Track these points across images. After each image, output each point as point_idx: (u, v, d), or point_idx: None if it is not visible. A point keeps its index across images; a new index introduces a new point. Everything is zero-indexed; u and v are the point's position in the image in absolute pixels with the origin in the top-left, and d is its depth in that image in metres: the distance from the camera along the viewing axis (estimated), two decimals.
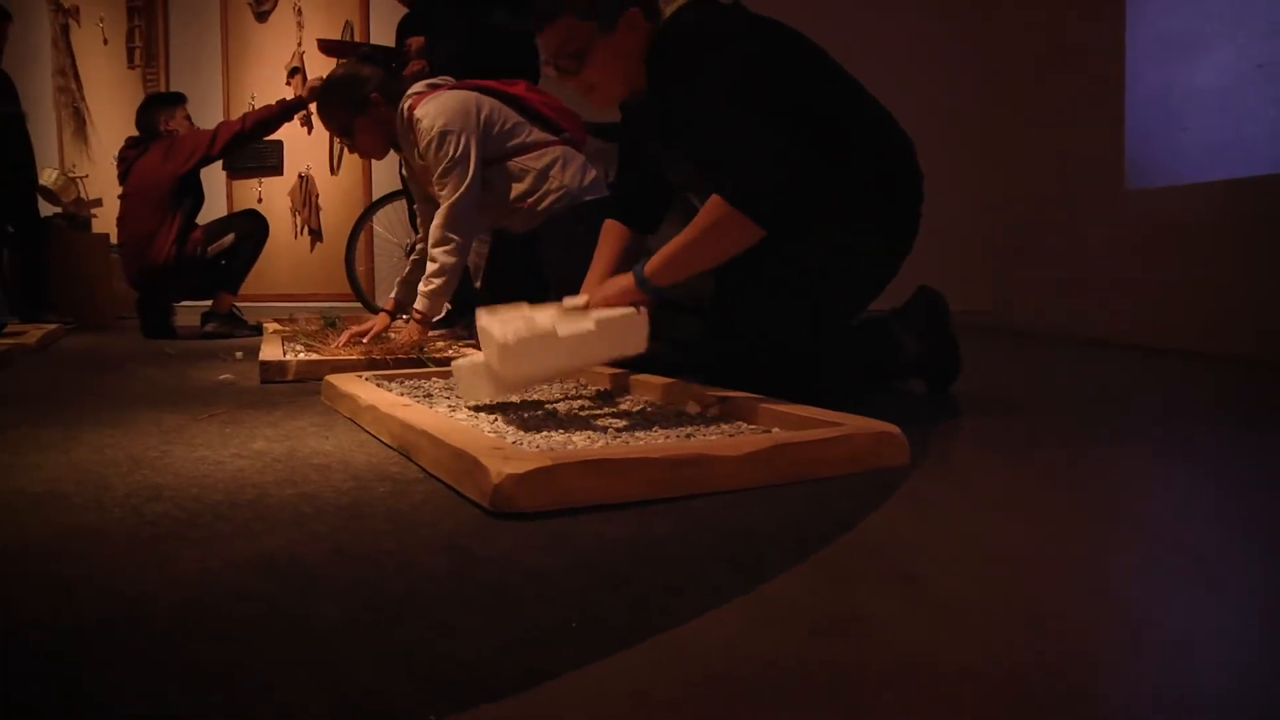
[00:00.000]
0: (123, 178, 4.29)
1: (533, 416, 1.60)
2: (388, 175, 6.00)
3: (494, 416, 1.61)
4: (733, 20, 1.80)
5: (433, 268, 2.77)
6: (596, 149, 4.65)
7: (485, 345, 1.60)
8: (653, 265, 1.67)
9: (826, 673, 0.68)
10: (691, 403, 1.65)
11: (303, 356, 2.51)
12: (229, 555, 0.94)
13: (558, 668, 0.68)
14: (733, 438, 1.30)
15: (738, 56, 1.69)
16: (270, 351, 2.61)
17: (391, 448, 1.47)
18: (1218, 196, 3.11)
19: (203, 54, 6.95)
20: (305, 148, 6.52)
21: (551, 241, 2.92)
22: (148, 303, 4.22)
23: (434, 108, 2.85)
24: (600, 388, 1.98)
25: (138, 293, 4.25)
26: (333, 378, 1.98)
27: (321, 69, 6.38)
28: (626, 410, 1.70)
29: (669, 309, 1.76)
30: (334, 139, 6.10)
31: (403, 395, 1.85)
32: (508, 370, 1.50)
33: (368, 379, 2.01)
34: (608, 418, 1.61)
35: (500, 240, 3.22)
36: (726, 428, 1.50)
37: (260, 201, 6.71)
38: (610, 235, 2.04)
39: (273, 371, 2.39)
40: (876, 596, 0.85)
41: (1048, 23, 4.06)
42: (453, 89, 3.00)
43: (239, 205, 6.70)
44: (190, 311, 4.52)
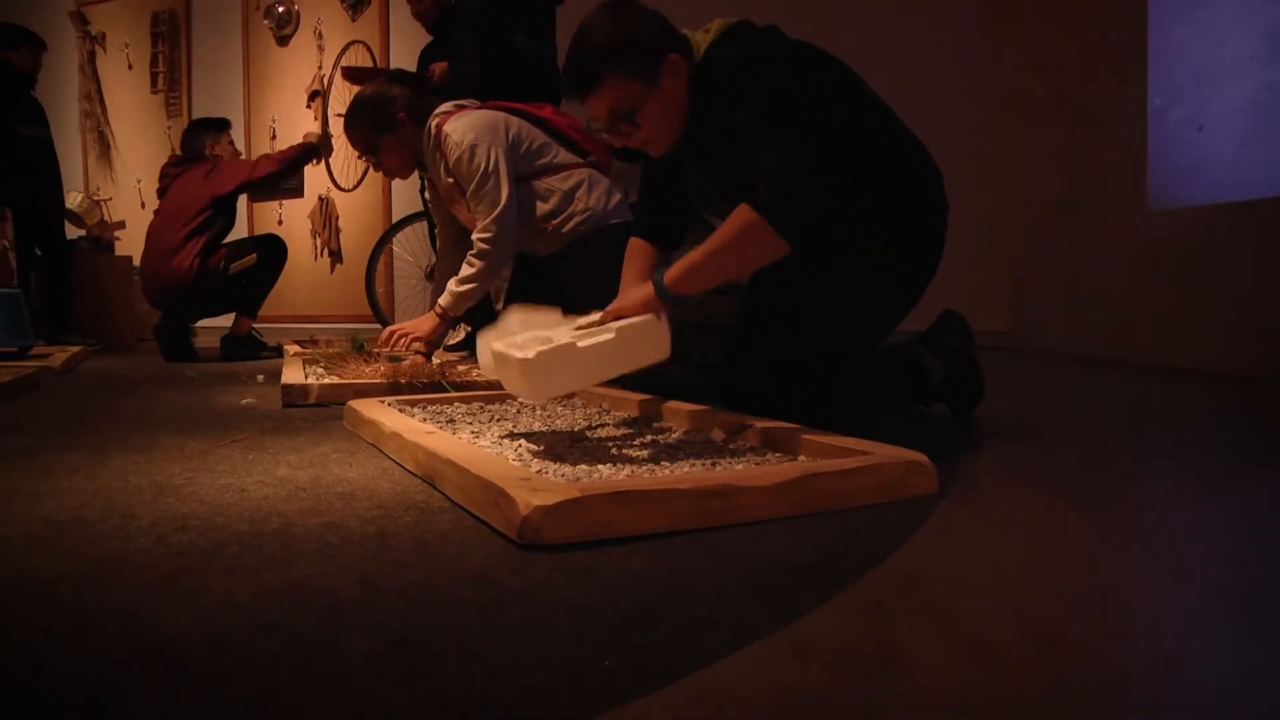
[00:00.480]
0: (161, 194, 4.31)
1: (557, 444, 1.59)
2: (407, 197, 6.03)
3: (518, 443, 1.61)
4: (770, 46, 1.79)
5: (468, 271, 2.77)
6: (619, 170, 4.68)
7: (502, 367, 1.57)
8: (673, 274, 1.65)
9: (863, 713, 0.67)
10: (717, 430, 1.64)
11: (325, 380, 2.52)
12: (256, 587, 0.94)
13: (592, 709, 0.67)
14: (760, 467, 1.29)
15: (773, 82, 1.67)
16: (292, 375, 2.62)
17: (416, 475, 1.46)
18: (1241, 217, 3.08)
19: (224, 78, 7.03)
20: (325, 170, 6.56)
21: (578, 264, 2.93)
22: (168, 320, 4.23)
23: (463, 124, 2.86)
24: (624, 415, 1.97)
25: (158, 309, 4.25)
26: (355, 403, 1.98)
27: (342, 91, 6.44)
28: (651, 438, 1.69)
29: (693, 331, 1.76)
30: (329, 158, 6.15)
31: (426, 421, 1.85)
32: (533, 388, 1.49)
33: (390, 404, 2.01)
34: (632, 446, 1.60)
35: (523, 262, 3.22)
36: (752, 456, 1.49)
37: (280, 223, 6.76)
38: (636, 254, 2.03)
39: (295, 395, 2.39)
40: (911, 632, 0.83)
41: (1069, 43, 4.05)
42: (480, 109, 3.01)
43: (260, 228, 6.75)
44: (210, 333, 4.55)
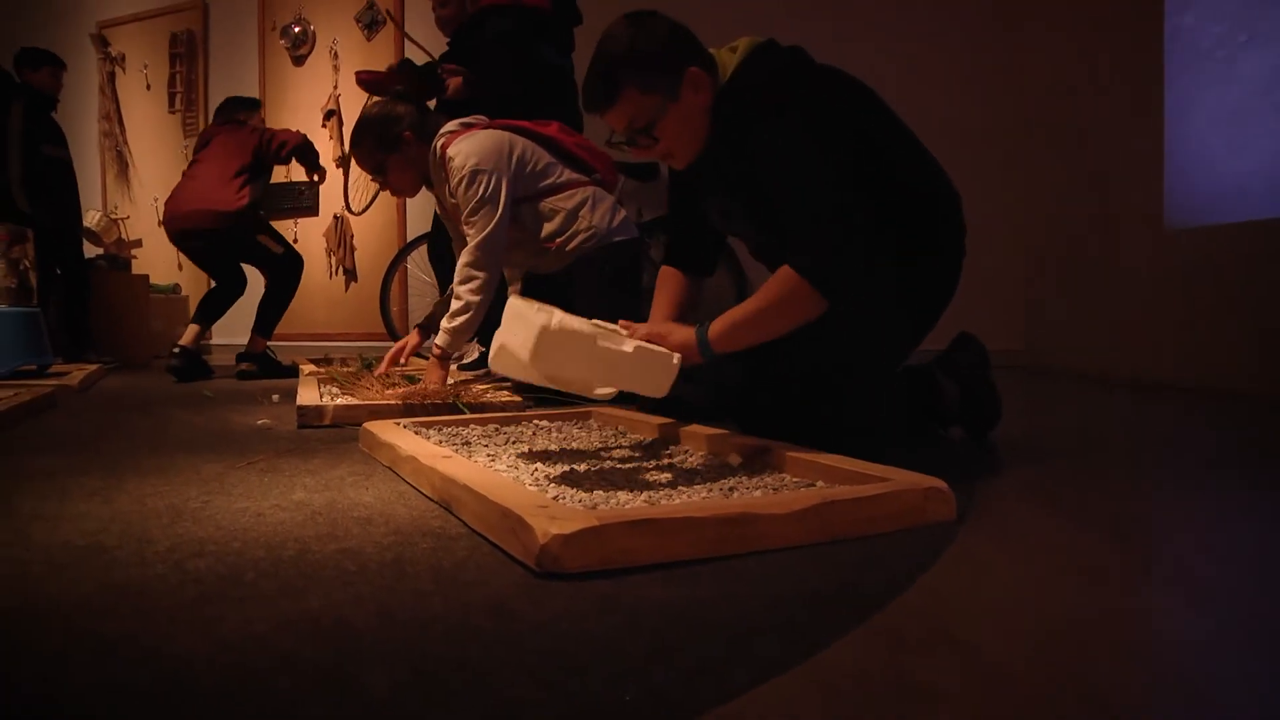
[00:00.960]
0: (200, 147, 4.40)
1: (574, 467, 1.58)
2: (422, 216, 6.06)
3: (534, 466, 1.60)
4: (798, 70, 1.78)
5: (457, 305, 2.77)
6: (633, 189, 4.69)
7: (514, 321, 1.56)
8: (717, 330, 1.64)
9: None
10: (734, 454, 1.63)
11: (340, 401, 2.52)
12: (274, 616, 0.93)
13: None
14: (779, 495, 1.28)
15: (802, 115, 1.66)
16: (307, 396, 2.62)
17: (432, 500, 1.46)
18: (1259, 236, 3.07)
19: None
20: (340, 190, 6.60)
21: (581, 281, 2.93)
22: (187, 243, 4.24)
23: (467, 146, 2.87)
24: (640, 437, 1.97)
25: (182, 237, 4.21)
26: (371, 425, 1.98)
27: (357, 111, 6.48)
28: (668, 462, 1.68)
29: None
30: (348, 179, 6.19)
31: (441, 443, 1.85)
32: (538, 356, 1.48)
33: (405, 426, 2.01)
34: (649, 470, 1.59)
35: (529, 281, 3.23)
36: (769, 480, 1.48)
37: (296, 241, 6.78)
38: (668, 283, 2.02)
39: (310, 416, 2.40)
40: (934, 667, 0.82)
41: (1084, 60, 4.05)
42: (486, 128, 3.01)
43: None
44: (225, 351, 4.56)
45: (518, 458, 1.70)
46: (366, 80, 4.55)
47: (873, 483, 1.33)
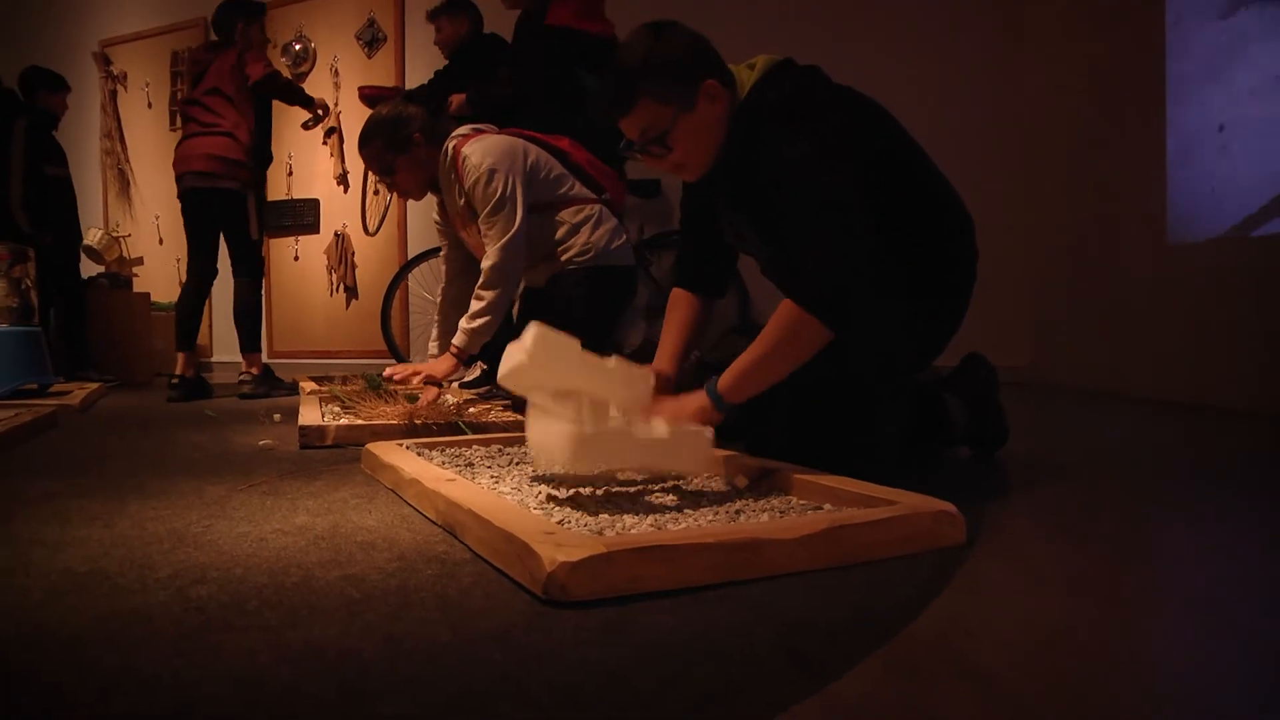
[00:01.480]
0: (197, 80, 4.26)
1: (578, 490, 1.57)
2: (423, 233, 6.06)
3: (538, 489, 1.59)
4: (813, 92, 1.76)
5: (478, 305, 2.75)
6: (633, 205, 4.68)
7: (541, 420, 1.53)
8: (726, 382, 1.63)
9: None
10: (740, 476, 1.62)
11: (342, 422, 2.51)
12: (278, 647, 0.92)
13: None
14: (787, 519, 1.27)
15: (817, 136, 1.64)
16: (309, 415, 2.61)
17: (436, 524, 1.45)
18: (1264, 251, 3.06)
19: None
20: (341, 206, 6.61)
21: (562, 297, 2.93)
22: (203, 195, 4.13)
23: (482, 147, 2.84)
24: None
25: (194, 182, 4.11)
26: (373, 446, 1.97)
27: (357, 128, 6.49)
28: (673, 483, 1.67)
29: (710, 373, 1.74)
30: (365, 199, 6.20)
31: (444, 465, 1.84)
32: (574, 457, 1.45)
33: (408, 447, 2.00)
34: (654, 492, 1.58)
35: (530, 296, 3.23)
36: (776, 503, 1.46)
37: (296, 259, 6.79)
38: (678, 308, 2.00)
39: (312, 437, 2.39)
40: (948, 698, 0.81)
41: (1087, 73, 4.05)
42: (498, 134, 3.00)
43: (276, 263, 6.78)
44: (226, 369, 4.55)
45: (521, 480, 1.69)
46: (369, 95, 4.56)
47: (881, 506, 1.31)
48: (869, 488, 1.41)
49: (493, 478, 1.72)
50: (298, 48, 6.76)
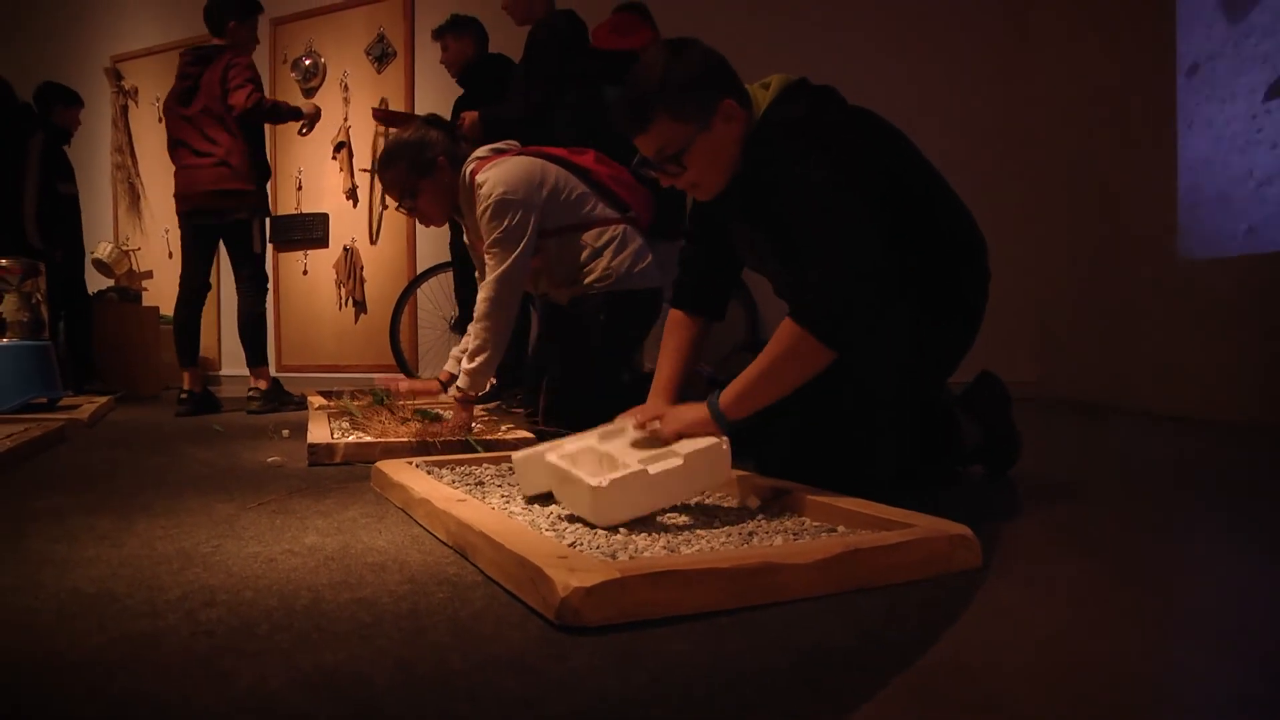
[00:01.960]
0: (187, 95, 4.19)
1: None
2: (431, 248, 6.07)
3: (550, 510, 1.58)
4: (829, 113, 1.75)
5: (474, 343, 2.67)
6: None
7: (565, 486, 1.52)
8: (727, 398, 1.61)
9: None
10: (752, 497, 1.61)
11: (351, 439, 2.50)
12: (289, 672, 0.91)
13: None
14: (801, 544, 1.25)
15: (831, 157, 1.63)
16: (318, 432, 2.61)
17: (447, 545, 1.44)
18: (1272, 266, 3.05)
19: None
20: (350, 221, 6.62)
21: (584, 319, 2.89)
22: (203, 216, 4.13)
23: (496, 174, 2.78)
24: None
25: (197, 206, 4.12)
26: (383, 465, 1.97)
27: (367, 143, 6.51)
28: (683, 503, 1.66)
29: (722, 390, 1.72)
30: (373, 209, 6.18)
31: (454, 483, 1.83)
32: (602, 512, 1.44)
33: (417, 465, 1.99)
34: (666, 512, 1.57)
35: (550, 310, 3.19)
36: (789, 524, 1.45)
37: (305, 274, 6.81)
38: (678, 333, 1.97)
39: (321, 454, 2.38)
40: None
41: (1096, 84, 4.05)
42: (518, 155, 2.93)
43: (284, 278, 6.79)
44: (235, 382, 4.55)
45: (532, 499, 1.68)
46: (382, 117, 4.55)
47: (895, 529, 1.30)
48: (883, 509, 1.40)
49: (503, 497, 1.72)
50: (307, 63, 6.79)
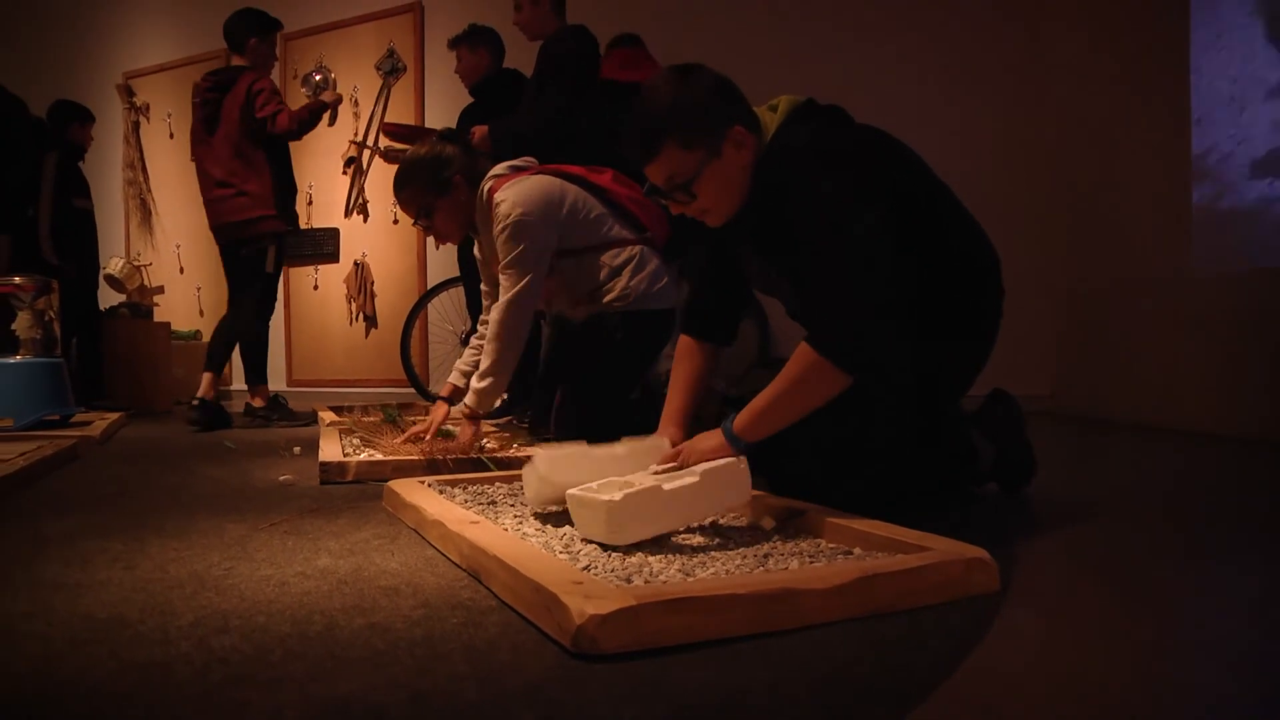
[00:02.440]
0: (209, 122, 4.23)
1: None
2: (442, 262, 6.08)
3: (563, 530, 1.57)
4: (839, 134, 1.74)
5: (487, 363, 2.68)
6: None
7: (579, 508, 1.50)
8: (743, 422, 1.60)
9: None
10: (767, 517, 1.59)
11: (363, 457, 2.50)
12: (303, 702, 0.90)
13: None
14: (818, 568, 1.24)
15: (843, 178, 1.61)
16: (330, 450, 2.60)
17: (460, 567, 1.43)
18: None
19: None
20: (360, 235, 6.64)
21: (598, 339, 2.89)
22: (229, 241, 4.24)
23: (515, 194, 2.76)
24: None
25: (224, 244, 4.25)
26: (395, 484, 1.96)
27: (378, 159, 6.52)
28: (698, 524, 1.65)
29: (737, 407, 1.71)
30: (353, 186, 6.17)
31: (467, 503, 1.82)
32: (615, 531, 1.43)
33: (429, 484, 1.98)
34: (680, 532, 1.56)
35: (562, 328, 3.19)
36: (805, 546, 1.44)
37: (316, 288, 6.83)
38: (688, 361, 1.95)
39: (333, 472, 2.38)
40: None
41: (1109, 98, 4.04)
42: (536, 173, 2.92)
43: (295, 293, 6.81)
44: (245, 397, 4.55)
45: (545, 518, 1.67)
46: (394, 132, 4.56)
47: (912, 551, 1.29)
48: (899, 531, 1.39)
49: (515, 517, 1.71)
50: (317, 78, 6.79)
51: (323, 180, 6.76)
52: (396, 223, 6.45)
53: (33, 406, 3.73)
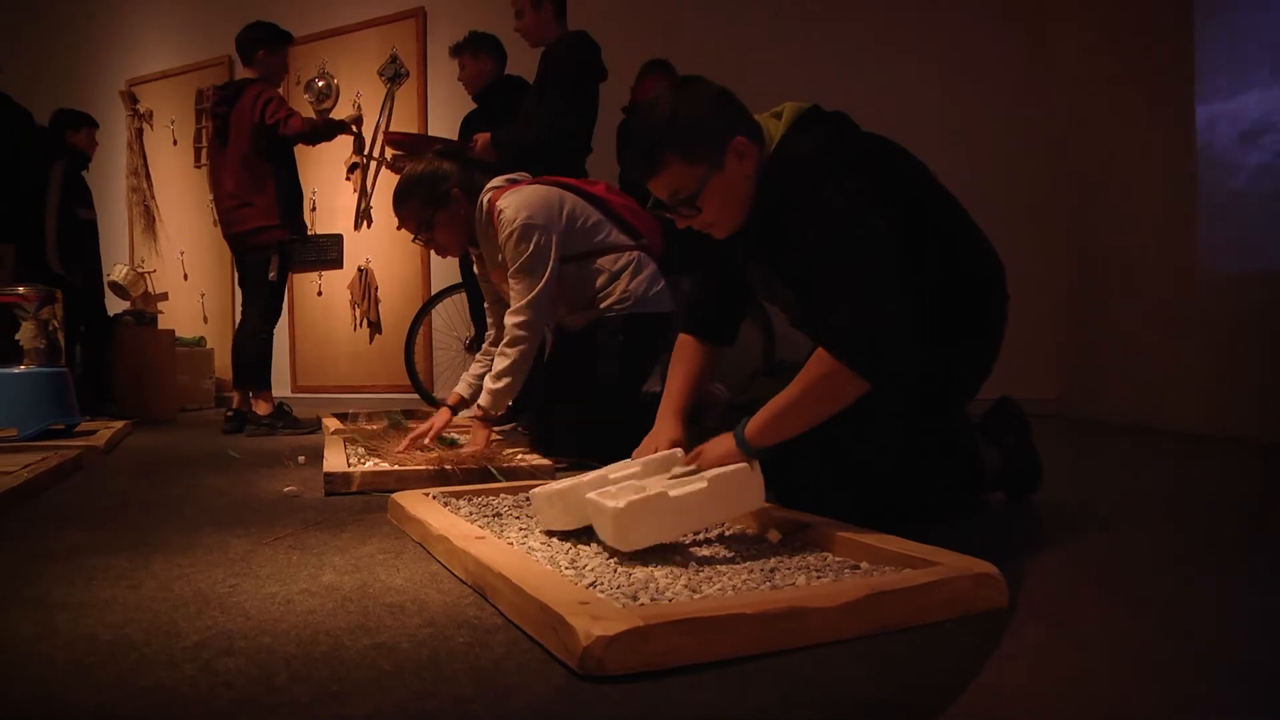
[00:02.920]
0: (221, 133, 4.30)
1: (609, 546, 1.54)
2: (447, 269, 6.07)
3: (569, 545, 1.57)
4: (845, 143, 1.73)
5: (502, 364, 2.71)
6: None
7: (593, 515, 1.50)
8: (754, 426, 1.58)
9: None
10: (773, 530, 1.59)
11: (367, 467, 2.49)
12: None
13: None
14: (825, 585, 1.23)
15: (849, 187, 1.60)
16: (334, 461, 2.60)
17: (466, 584, 1.42)
18: None
19: None
20: (364, 241, 6.64)
21: (599, 344, 2.90)
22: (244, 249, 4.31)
23: (516, 200, 2.81)
24: None
25: (239, 243, 4.33)
26: (399, 497, 1.95)
27: (379, 166, 6.51)
28: (703, 536, 1.64)
29: (742, 416, 1.70)
30: (361, 195, 6.19)
31: (471, 515, 1.82)
32: (624, 536, 1.42)
33: (434, 496, 1.98)
34: (686, 544, 1.55)
35: (562, 337, 3.20)
36: (811, 560, 1.43)
37: (320, 294, 6.83)
38: (685, 357, 1.95)
39: (337, 484, 2.37)
40: None
41: (1114, 100, 4.02)
42: (532, 184, 2.96)
43: (300, 298, 6.81)
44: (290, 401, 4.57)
45: (550, 533, 1.66)
46: (397, 140, 4.57)
47: (920, 566, 1.28)
48: (907, 545, 1.38)
49: (521, 530, 1.70)
50: (320, 84, 6.83)
51: (326, 186, 6.75)
52: (400, 229, 6.45)
53: (37, 416, 3.73)
